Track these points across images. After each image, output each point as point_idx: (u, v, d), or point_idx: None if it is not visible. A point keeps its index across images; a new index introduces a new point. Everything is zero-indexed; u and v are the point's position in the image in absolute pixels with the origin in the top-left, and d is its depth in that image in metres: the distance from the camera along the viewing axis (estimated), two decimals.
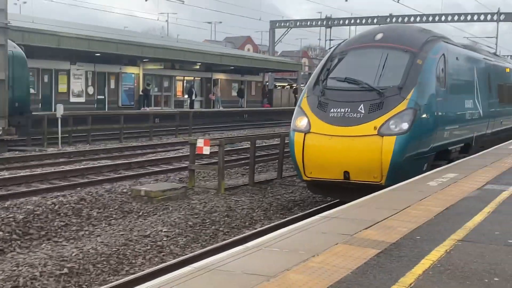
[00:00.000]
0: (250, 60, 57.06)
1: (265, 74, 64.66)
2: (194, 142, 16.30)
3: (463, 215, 8.57)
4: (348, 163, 13.09)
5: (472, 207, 9.12)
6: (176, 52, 44.55)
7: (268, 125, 43.69)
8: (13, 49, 26.45)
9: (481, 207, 9.14)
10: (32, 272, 9.05)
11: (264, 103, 62.77)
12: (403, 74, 13.76)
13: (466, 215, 8.57)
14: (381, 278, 5.65)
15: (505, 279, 5.69)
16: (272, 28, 60.38)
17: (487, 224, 8.03)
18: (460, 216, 8.47)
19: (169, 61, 45.75)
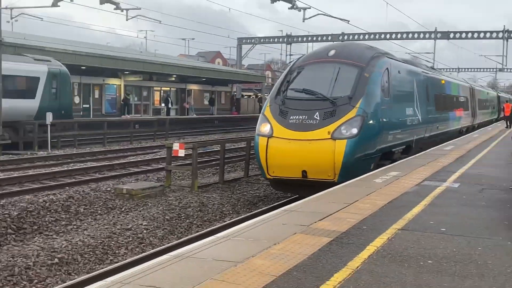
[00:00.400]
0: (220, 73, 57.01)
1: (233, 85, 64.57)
2: (170, 146, 16.29)
3: (403, 207, 8.77)
4: (305, 163, 13.20)
5: (411, 201, 9.33)
6: (154, 66, 44.27)
7: (236, 130, 43.72)
8: (60, 67, 29.23)
9: (418, 201, 9.36)
10: (26, 262, 9.04)
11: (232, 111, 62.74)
12: (353, 86, 13.95)
13: (406, 207, 8.77)
14: (332, 262, 5.82)
15: (437, 261, 5.91)
16: (239, 44, 60.35)
17: (423, 215, 8.24)
18: (401, 209, 8.66)
19: (147, 73, 45.44)
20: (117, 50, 51.93)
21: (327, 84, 14.16)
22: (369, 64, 14.65)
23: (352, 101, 13.60)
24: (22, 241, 10.72)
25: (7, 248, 10.20)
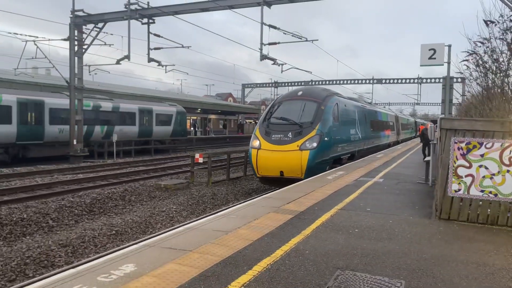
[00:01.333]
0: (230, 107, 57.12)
1: (239, 115, 64.65)
2: (193, 155, 16.21)
3: (344, 195, 8.74)
4: (282, 166, 13.20)
5: (350, 190, 9.30)
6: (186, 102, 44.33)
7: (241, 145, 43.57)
8: (180, 108, 33.95)
9: (355, 190, 9.32)
10: (93, 233, 8.97)
11: (238, 132, 62.72)
12: (313, 115, 14.00)
13: (346, 195, 8.74)
14: (291, 230, 5.82)
15: (361, 230, 5.90)
16: (243, 88, 60.32)
17: (357, 200, 8.22)
18: (342, 196, 8.62)
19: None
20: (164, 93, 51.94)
21: (297, 114, 14.21)
22: (324, 100, 14.72)
23: (313, 124, 13.66)
24: (92, 220, 10.67)
25: (82, 224, 10.17)
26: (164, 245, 5.00)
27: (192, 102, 46.15)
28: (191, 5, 18.99)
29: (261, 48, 18.03)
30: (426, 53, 7.97)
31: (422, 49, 8.03)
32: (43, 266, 7.23)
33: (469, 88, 10.66)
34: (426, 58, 8.00)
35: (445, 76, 10.57)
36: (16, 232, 9.11)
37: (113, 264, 4.28)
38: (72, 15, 21.48)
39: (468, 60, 7.96)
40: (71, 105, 21.87)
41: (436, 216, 6.84)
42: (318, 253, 4.78)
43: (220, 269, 4.21)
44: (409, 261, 4.60)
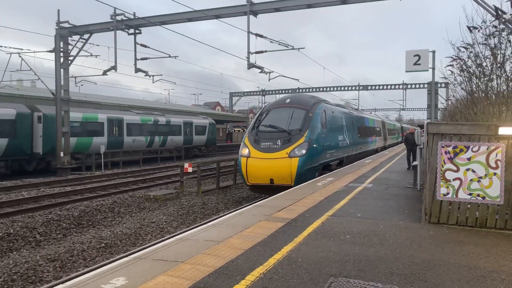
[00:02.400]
0: (219, 115, 57.00)
1: (228, 123, 64.65)
2: (182, 165, 16.07)
3: (334, 201, 8.74)
4: (272, 174, 13.15)
5: (340, 197, 9.30)
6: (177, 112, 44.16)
7: (230, 153, 43.37)
8: (211, 121, 39.23)
9: (344, 196, 9.34)
10: (82, 246, 8.79)
11: (227, 140, 62.66)
12: (302, 122, 14.03)
13: (336, 201, 8.74)
14: (283, 238, 5.79)
15: (352, 236, 5.90)
16: (231, 97, 60.48)
17: (347, 206, 8.22)
18: (332, 202, 8.62)
19: None
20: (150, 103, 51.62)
21: (285, 121, 14.22)
22: (312, 108, 14.77)
23: (301, 132, 13.68)
24: (80, 233, 10.42)
25: (70, 238, 9.94)
26: (155, 256, 4.93)
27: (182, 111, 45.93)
28: (178, 15, 19.01)
29: (248, 57, 18.09)
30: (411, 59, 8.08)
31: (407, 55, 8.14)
32: (31, 282, 7.06)
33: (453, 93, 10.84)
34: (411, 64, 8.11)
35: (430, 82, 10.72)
36: (3, 247, 8.89)
37: (103, 278, 4.19)
38: (57, 26, 21.32)
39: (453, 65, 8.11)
40: (57, 117, 21.59)
41: (426, 220, 6.88)
42: (311, 261, 4.75)
43: (212, 280, 4.16)
44: (401, 266, 4.60)
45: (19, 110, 21.14)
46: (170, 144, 32.49)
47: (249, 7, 17.74)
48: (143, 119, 29.56)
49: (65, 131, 21.80)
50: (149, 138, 29.80)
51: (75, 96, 26.54)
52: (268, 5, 17.82)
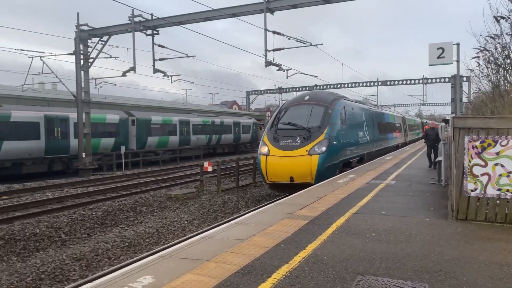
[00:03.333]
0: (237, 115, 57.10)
1: None
2: (202, 164, 16.18)
3: (356, 198, 8.65)
4: (292, 172, 13.09)
5: (362, 194, 9.21)
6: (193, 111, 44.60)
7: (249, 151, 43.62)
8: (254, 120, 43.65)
9: (367, 193, 9.24)
10: (106, 245, 8.93)
11: None
12: (321, 119, 13.91)
13: (358, 198, 8.66)
14: (307, 236, 5.75)
15: (378, 233, 5.82)
16: (248, 95, 60.38)
17: (370, 203, 8.13)
18: (355, 199, 8.54)
19: None
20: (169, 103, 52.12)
21: (304, 118, 14.12)
22: (331, 104, 14.63)
23: (321, 129, 13.57)
24: (104, 232, 10.62)
25: (94, 237, 10.13)
26: (180, 255, 4.96)
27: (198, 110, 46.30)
28: (195, 15, 19.10)
29: (266, 55, 18.06)
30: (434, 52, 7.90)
31: (430, 49, 7.96)
32: (58, 281, 7.21)
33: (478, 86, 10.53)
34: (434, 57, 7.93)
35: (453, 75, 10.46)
36: (30, 247, 9.12)
37: (131, 277, 4.24)
38: (77, 29, 21.70)
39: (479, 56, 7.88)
40: (79, 119, 21.99)
41: (453, 216, 6.74)
42: (337, 259, 4.70)
43: (238, 278, 4.16)
44: (430, 263, 4.51)
45: (120, 116, 26.42)
46: (223, 141, 37.40)
47: (266, 4, 17.68)
48: (204, 121, 34.42)
49: (86, 132, 22.18)
50: (208, 137, 34.89)
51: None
52: (284, 2, 17.71)
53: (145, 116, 28.25)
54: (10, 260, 8.46)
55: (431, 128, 15.21)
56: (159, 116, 29.60)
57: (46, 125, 21.54)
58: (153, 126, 28.41)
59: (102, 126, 25.00)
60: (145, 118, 27.97)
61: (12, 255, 8.67)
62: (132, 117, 27.36)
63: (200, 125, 33.76)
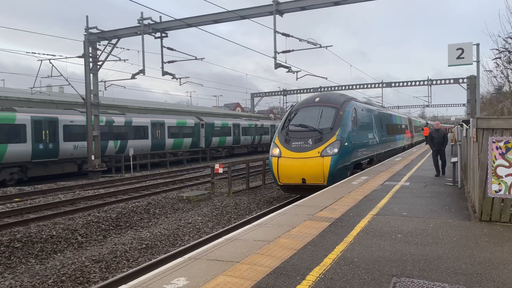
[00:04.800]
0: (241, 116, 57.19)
1: None
2: (213, 166, 16.14)
3: (374, 200, 8.61)
4: (304, 173, 13.04)
5: (379, 195, 9.16)
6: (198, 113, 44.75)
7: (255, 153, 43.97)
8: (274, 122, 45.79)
9: (384, 195, 9.19)
10: (124, 247, 8.91)
11: None
12: (332, 121, 13.86)
13: (376, 200, 8.62)
14: (333, 238, 5.72)
15: (404, 235, 5.78)
16: (252, 97, 60.47)
17: (389, 205, 8.08)
18: (373, 201, 8.50)
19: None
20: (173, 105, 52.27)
21: (315, 120, 14.08)
22: (342, 106, 14.58)
23: (333, 130, 13.52)
24: (119, 234, 10.59)
25: (110, 239, 10.12)
26: (209, 257, 4.93)
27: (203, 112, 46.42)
28: (204, 17, 19.12)
29: (275, 56, 18.06)
30: (453, 52, 7.87)
31: (449, 49, 7.93)
32: (79, 283, 7.20)
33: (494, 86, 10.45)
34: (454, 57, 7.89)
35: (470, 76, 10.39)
36: (47, 249, 9.12)
37: (164, 278, 4.22)
38: (86, 32, 21.77)
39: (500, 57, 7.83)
40: (88, 122, 22.04)
41: (476, 218, 6.69)
42: (368, 261, 4.67)
43: (273, 280, 4.13)
44: (463, 265, 4.47)
45: (195, 121, 33.03)
46: (263, 141, 43.15)
47: (275, 6, 17.70)
48: (249, 124, 40.95)
49: (95, 135, 22.21)
50: (252, 137, 41.15)
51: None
52: (294, 4, 17.73)
53: (210, 121, 34.91)
54: (29, 262, 8.47)
55: (436, 130, 12.96)
56: (219, 121, 36.37)
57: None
58: (215, 129, 35.11)
59: (185, 129, 31.67)
60: (211, 123, 34.62)
61: (30, 257, 8.67)
62: (202, 122, 33.81)
63: (246, 127, 40.38)
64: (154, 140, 28.33)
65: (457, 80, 47.03)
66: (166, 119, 29.82)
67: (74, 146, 22.32)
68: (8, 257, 8.51)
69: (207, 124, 34.01)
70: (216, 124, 35.30)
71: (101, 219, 11.20)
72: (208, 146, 34.26)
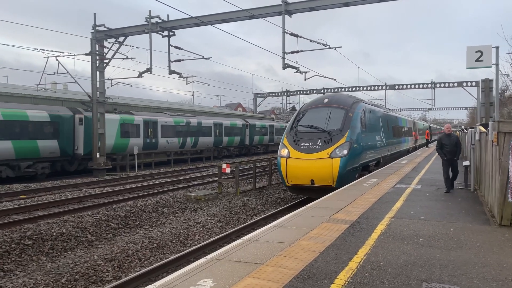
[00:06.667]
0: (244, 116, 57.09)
1: None
2: (220, 165, 16.07)
3: (389, 203, 8.54)
4: (313, 175, 12.95)
5: (393, 198, 9.09)
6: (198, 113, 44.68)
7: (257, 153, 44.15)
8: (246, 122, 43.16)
9: (397, 198, 9.11)
10: (136, 246, 8.82)
11: None
12: (342, 122, 13.78)
13: (391, 202, 8.55)
14: (354, 241, 5.64)
15: (426, 239, 5.70)
16: (255, 98, 60.32)
17: (405, 208, 8.00)
18: (388, 203, 8.43)
19: None
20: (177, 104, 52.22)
21: (324, 121, 13.99)
22: (351, 107, 14.50)
23: (342, 132, 13.44)
24: (129, 233, 10.52)
25: (120, 238, 10.05)
26: (232, 258, 4.86)
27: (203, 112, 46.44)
28: (212, 16, 19.06)
29: (284, 57, 17.98)
30: (472, 55, 7.79)
31: (468, 52, 7.86)
32: (93, 282, 7.12)
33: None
34: (472, 60, 7.82)
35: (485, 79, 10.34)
36: (58, 247, 9.04)
37: (190, 279, 4.14)
38: (93, 30, 21.70)
39: None
40: (94, 119, 21.98)
41: (495, 222, 6.62)
42: (394, 265, 4.59)
43: (301, 283, 4.05)
44: (493, 271, 4.39)
45: (242, 122, 39.03)
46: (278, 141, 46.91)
47: (284, 6, 17.64)
48: (281, 125, 46.80)
49: (101, 133, 22.14)
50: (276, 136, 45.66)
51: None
52: (303, 5, 17.67)
53: (253, 122, 41.32)
54: (40, 260, 8.39)
55: (447, 136, 10.13)
56: (259, 122, 42.94)
57: None
58: (256, 129, 41.37)
59: (235, 129, 37.75)
60: (253, 123, 41.01)
61: (41, 255, 8.60)
62: (247, 123, 40.03)
63: (278, 128, 46.09)
64: (215, 138, 34.80)
65: (461, 83, 47.01)
66: (223, 121, 36.53)
67: (167, 141, 28.83)
68: (19, 254, 8.44)
69: (250, 125, 40.42)
70: (257, 125, 41.79)
71: (110, 218, 11.12)
72: (251, 143, 40.41)
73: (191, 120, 32.09)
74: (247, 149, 40.24)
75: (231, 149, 37.73)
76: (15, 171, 19.53)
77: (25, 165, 19.91)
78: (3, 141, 18.97)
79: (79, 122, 22.65)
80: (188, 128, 31.30)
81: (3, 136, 18.98)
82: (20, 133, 19.72)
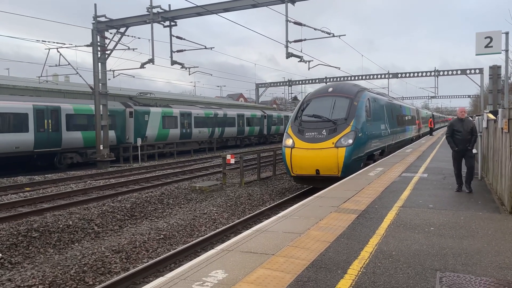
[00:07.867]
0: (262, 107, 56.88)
1: None
2: (225, 156, 16.03)
3: (396, 191, 8.50)
4: (318, 164, 12.91)
5: (400, 187, 9.04)
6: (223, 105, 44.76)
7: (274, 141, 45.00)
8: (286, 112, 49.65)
9: (405, 187, 9.06)
10: (143, 238, 8.80)
11: None
12: (347, 111, 13.68)
13: (398, 191, 8.50)
14: (364, 230, 5.60)
15: (437, 228, 5.66)
16: (257, 88, 60.05)
17: (413, 197, 7.96)
18: (395, 193, 8.38)
19: None
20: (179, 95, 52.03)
21: (329, 110, 13.88)
22: (356, 96, 14.37)
23: (347, 121, 13.34)
24: (135, 224, 10.52)
25: (126, 229, 10.04)
26: (242, 249, 4.83)
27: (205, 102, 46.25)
28: (214, 6, 18.85)
29: (287, 46, 17.83)
30: (481, 41, 7.65)
31: (477, 38, 7.72)
32: (101, 273, 7.12)
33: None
34: (482, 46, 7.69)
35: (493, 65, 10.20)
36: (65, 239, 9.05)
37: (201, 271, 4.11)
38: (94, 21, 21.52)
39: None
40: (96, 111, 21.92)
41: (505, 210, 6.57)
42: (407, 254, 4.55)
43: (313, 273, 4.02)
44: (506, 259, 4.35)
45: (261, 113, 42.15)
46: None
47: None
48: None
49: (103, 125, 22.10)
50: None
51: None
52: None
53: (270, 113, 44.69)
54: (47, 252, 8.40)
55: (460, 120, 8.43)
56: (275, 113, 46.17)
57: None
58: (273, 119, 44.45)
59: (255, 120, 40.84)
60: (271, 114, 44.40)
61: (48, 247, 8.60)
62: (265, 114, 43.02)
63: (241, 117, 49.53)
64: (238, 128, 37.92)
65: (464, 71, 46.65)
66: (245, 112, 39.49)
67: (199, 131, 32.02)
68: (26, 246, 8.44)
69: (268, 116, 43.29)
70: (274, 116, 44.78)
71: (116, 209, 11.11)
72: (269, 133, 43.57)
73: (218, 112, 34.97)
74: (265, 138, 43.26)
75: (251, 138, 40.75)
76: (83, 157, 22.67)
77: (90, 152, 22.79)
78: (75, 131, 21.98)
79: (129, 115, 25.96)
80: (216, 119, 34.31)
81: (75, 127, 22.00)
82: (87, 125, 22.62)
